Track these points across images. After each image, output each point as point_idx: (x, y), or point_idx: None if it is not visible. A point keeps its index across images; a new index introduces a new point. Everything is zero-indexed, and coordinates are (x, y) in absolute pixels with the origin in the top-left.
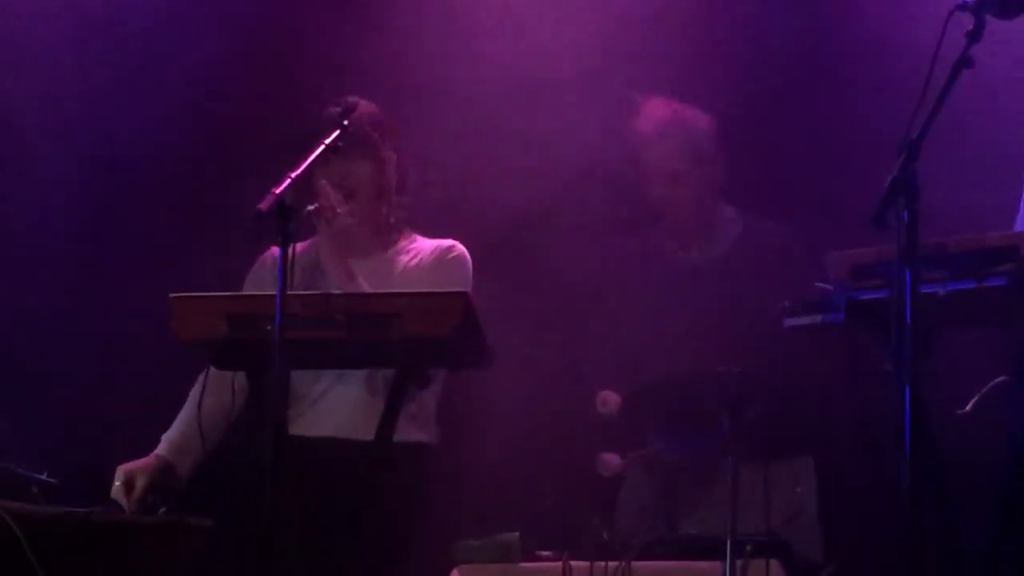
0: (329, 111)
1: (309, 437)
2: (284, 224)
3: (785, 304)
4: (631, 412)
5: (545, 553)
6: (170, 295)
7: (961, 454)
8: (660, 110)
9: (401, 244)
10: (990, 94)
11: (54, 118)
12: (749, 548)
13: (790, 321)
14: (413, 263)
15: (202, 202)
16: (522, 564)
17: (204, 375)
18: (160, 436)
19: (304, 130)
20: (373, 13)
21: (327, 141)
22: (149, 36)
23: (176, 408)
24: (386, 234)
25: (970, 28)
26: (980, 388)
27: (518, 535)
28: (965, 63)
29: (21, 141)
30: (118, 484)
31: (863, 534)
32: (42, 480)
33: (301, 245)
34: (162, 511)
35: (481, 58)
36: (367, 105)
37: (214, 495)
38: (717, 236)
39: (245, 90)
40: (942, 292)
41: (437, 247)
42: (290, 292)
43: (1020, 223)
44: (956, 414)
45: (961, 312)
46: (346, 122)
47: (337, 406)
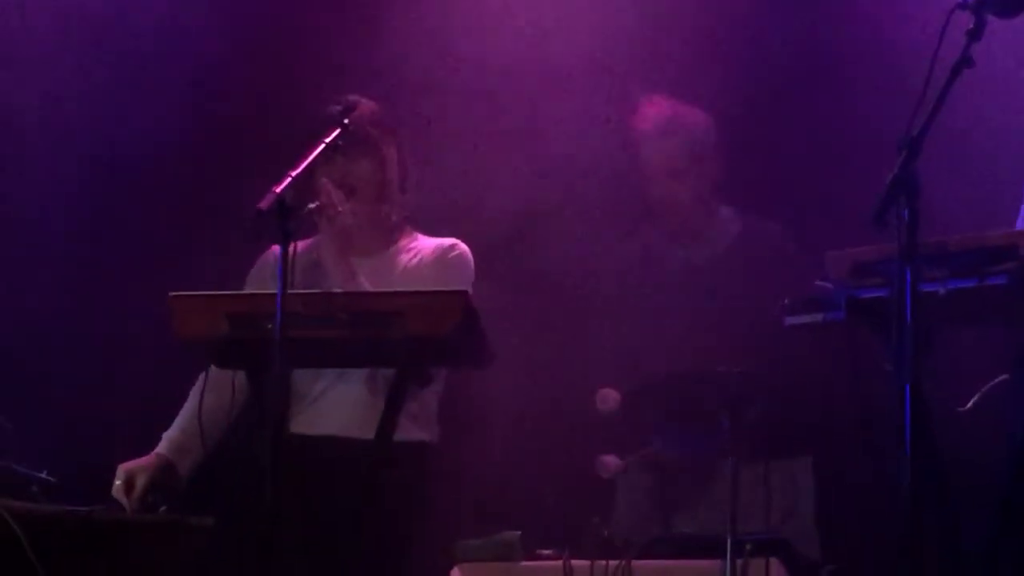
0: (329, 109)
1: (310, 436)
2: (284, 223)
3: (785, 302)
4: (631, 411)
5: (546, 552)
6: (170, 294)
7: (962, 452)
8: (660, 109)
9: (403, 243)
10: (991, 92)
11: (54, 118)
12: (749, 547)
13: (790, 319)
14: (415, 262)
15: (202, 202)
16: (523, 563)
17: (204, 374)
18: (160, 436)
19: (304, 129)
20: (373, 13)
21: (328, 140)
22: (149, 36)
23: (176, 408)
24: (388, 233)
25: (970, 27)
26: (981, 387)
27: (519, 534)
28: (966, 62)
29: (21, 141)
30: (119, 483)
31: (863, 533)
32: (42, 479)
33: (302, 244)
34: (162, 510)
35: (481, 57)
36: (368, 103)
37: (215, 494)
38: (715, 235)
39: (245, 90)
40: (943, 291)
41: (439, 246)
42: (291, 291)
43: (1021, 222)
44: (957, 412)
45: (962, 311)
46: (347, 120)
47: (338, 405)
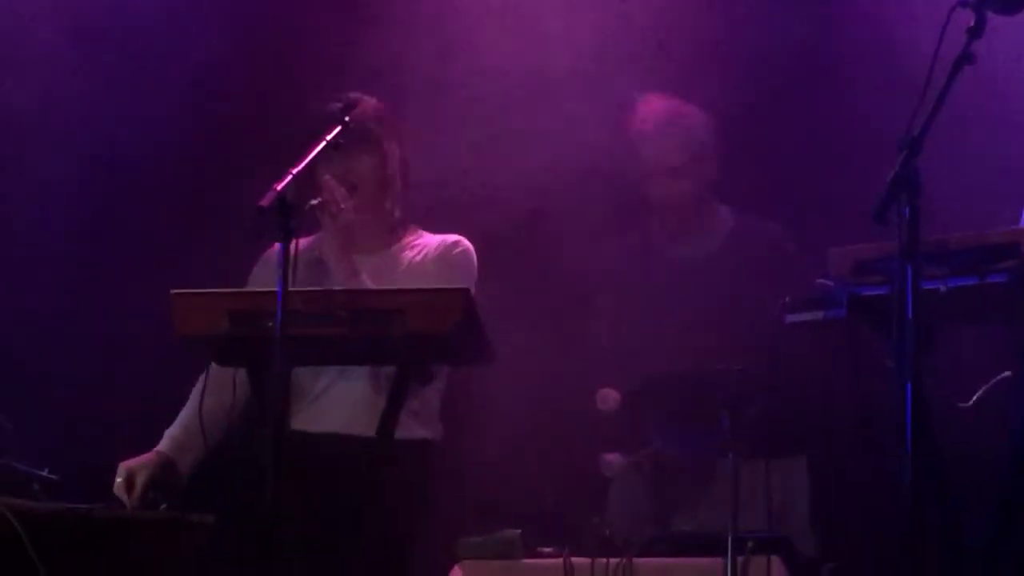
0: (330, 107)
1: (312, 433)
2: (285, 220)
3: (786, 300)
4: (631, 411)
5: (546, 549)
6: (171, 291)
7: (963, 450)
8: (659, 107)
9: (406, 240)
10: (992, 90)
11: (54, 118)
12: (750, 545)
13: (791, 317)
14: (418, 259)
15: (202, 202)
16: (524, 560)
17: (205, 373)
18: (161, 435)
19: (305, 127)
20: (373, 12)
21: (328, 137)
22: (149, 36)
23: (176, 407)
24: (390, 230)
25: (971, 24)
26: (982, 385)
27: (520, 532)
28: (966, 59)
29: (21, 141)
30: (119, 480)
31: (864, 531)
32: (43, 477)
33: (305, 241)
34: (163, 508)
35: (481, 56)
36: (369, 101)
37: (216, 492)
38: (711, 232)
39: (245, 90)
40: (943, 288)
41: (442, 242)
42: (292, 288)
43: None
44: (958, 408)
45: (962, 309)
46: (347, 118)
47: (340, 402)
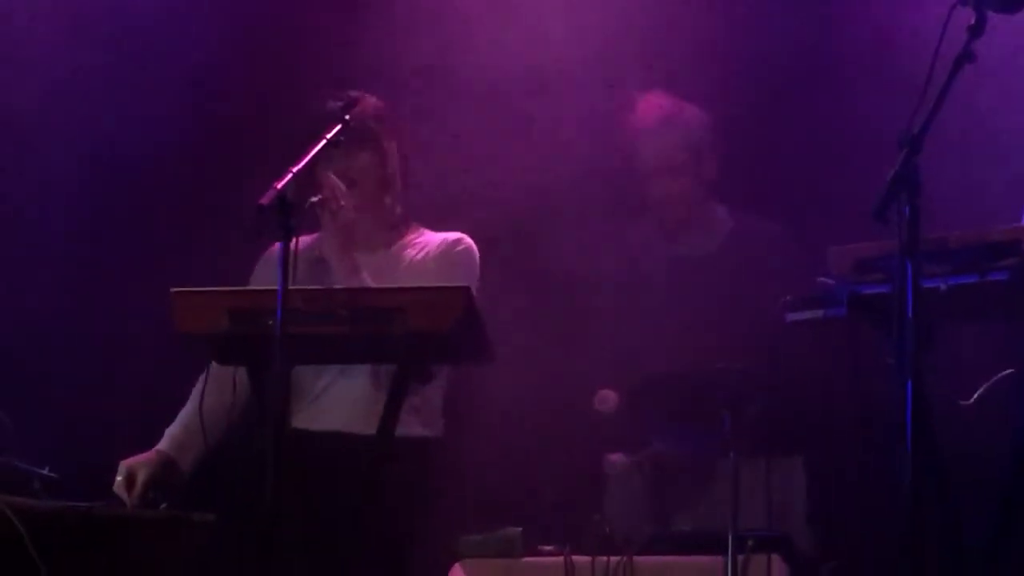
0: (331, 105)
1: (312, 431)
2: (285, 219)
3: (787, 299)
4: (632, 410)
5: (547, 548)
6: (172, 290)
7: (964, 448)
8: (659, 105)
9: (408, 238)
10: (992, 88)
11: (54, 118)
12: (751, 543)
13: (792, 316)
14: (419, 257)
15: (202, 202)
16: (524, 559)
17: (205, 371)
18: (161, 435)
19: (305, 126)
20: (373, 10)
21: (329, 136)
22: (149, 36)
23: (176, 407)
24: (392, 228)
25: (971, 22)
26: (982, 383)
27: (520, 530)
28: (967, 57)
29: (21, 141)
30: (120, 479)
31: (864, 529)
32: (44, 475)
33: (306, 239)
34: (163, 506)
35: (481, 55)
36: (369, 99)
37: (216, 490)
38: (710, 232)
39: (245, 90)
40: (944, 287)
41: (444, 240)
42: (293, 287)
43: None
44: (959, 406)
45: (963, 307)
46: (348, 116)
47: (341, 401)
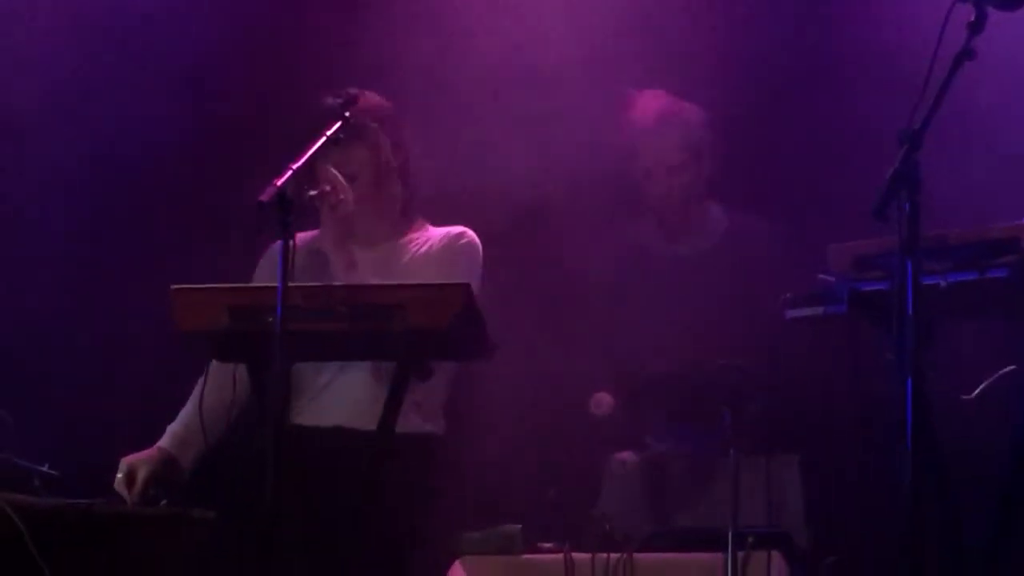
0: (330, 102)
1: (314, 427)
2: (284, 216)
3: (787, 296)
4: (632, 409)
5: (547, 545)
6: (172, 287)
7: (964, 445)
8: (659, 104)
9: (411, 235)
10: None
11: (54, 118)
12: (751, 540)
13: (792, 313)
14: (422, 251)
15: (202, 202)
16: (524, 556)
17: (206, 370)
18: (160, 435)
19: (305, 124)
20: (374, 9)
21: (329, 133)
22: (149, 36)
23: (176, 407)
24: (393, 223)
25: (971, 19)
26: (983, 379)
27: (520, 527)
28: (967, 55)
29: (21, 141)
30: (120, 476)
31: (863, 527)
32: (44, 472)
33: (307, 235)
34: (163, 503)
35: (482, 53)
36: (369, 95)
37: (216, 487)
38: (705, 230)
39: (245, 90)
40: (944, 284)
41: (447, 234)
42: (294, 283)
43: None
44: (959, 404)
45: (963, 304)
46: (347, 113)
47: (342, 397)
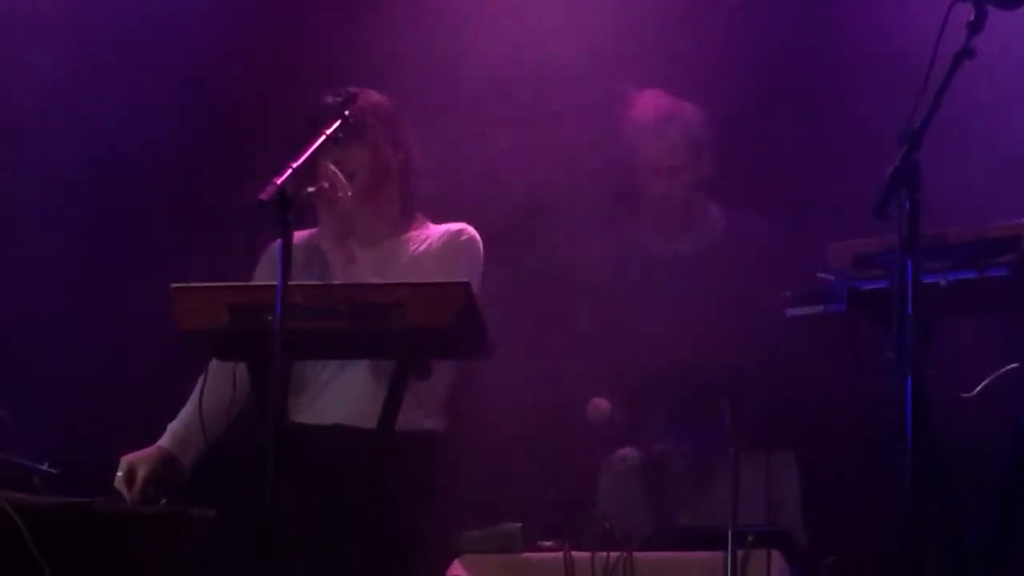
0: (329, 101)
1: (314, 426)
2: (284, 214)
3: (787, 294)
4: (631, 407)
5: (547, 543)
6: (172, 285)
7: (964, 444)
8: (659, 103)
9: (412, 233)
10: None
11: (54, 117)
12: (751, 539)
13: (791, 311)
14: (422, 249)
15: (202, 202)
16: (524, 554)
17: (206, 369)
18: (160, 435)
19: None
20: (373, 10)
21: (328, 131)
22: (149, 35)
23: (176, 406)
24: (394, 222)
25: (971, 18)
26: (983, 378)
27: (520, 525)
28: (967, 54)
29: (21, 140)
30: (120, 474)
31: (863, 526)
32: (43, 470)
33: (307, 232)
34: (163, 502)
35: (482, 52)
36: (370, 94)
37: (217, 486)
38: (704, 229)
39: (245, 89)
40: (943, 282)
41: (447, 231)
42: (294, 282)
43: None
44: (959, 403)
45: (962, 302)
46: (347, 112)
47: (343, 395)
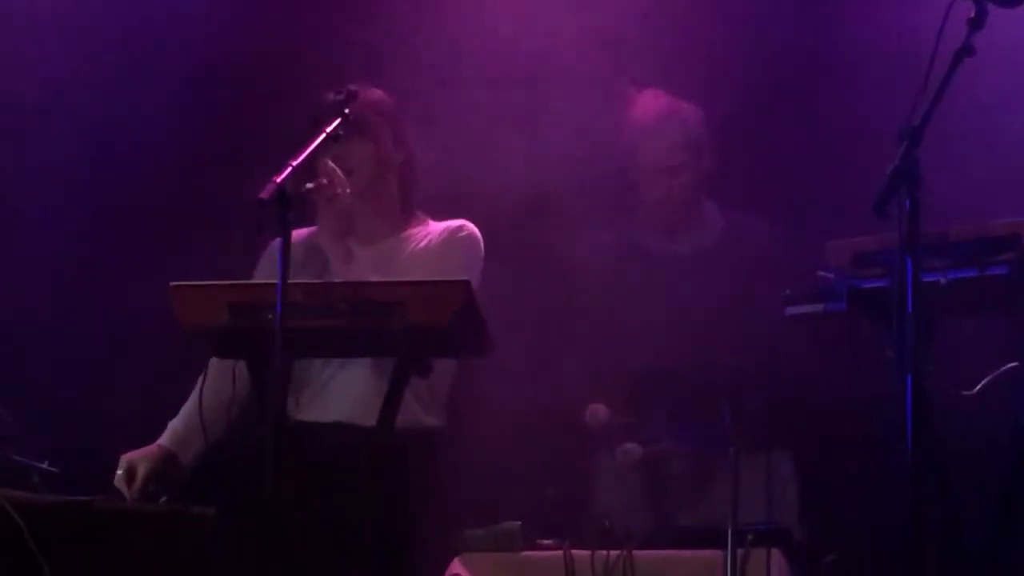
0: (330, 98)
1: (315, 423)
2: (284, 213)
3: (786, 293)
4: (631, 406)
5: (546, 542)
6: (171, 284)
7: (964, 443)
8: (658, 102)
9: (411, 230)
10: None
11: (54, 116)
12: (750, 537)
13: (791, 310)
14: (422, 246)
15: (202, 201)
16: (524, 553)
17: (205, 368)
18: (160, 434)
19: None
20: (374, 9)
21: (328, 129)
22: (149, 34)
23: (176, 406)
24: (394, 219)
25: (971, 16)
26: (983, 376)
27: (520, 524)
28: (967, 51)
29: (21, 140)
30: (120, 473)
31: (862, 525)
32: (43, 468)
33: (306, 230)
34: (163, 500)
35: (483, 50)
36: (370, 91)
37: (217, 485)
38: (703, 228)
39: (245, 89)
40: (944, 281)
41: (447, 227)
42: (294, 280)
43: None
44: (959, 402)
45: (963, 300)
46: (347, 110)
47: (342, 393)
